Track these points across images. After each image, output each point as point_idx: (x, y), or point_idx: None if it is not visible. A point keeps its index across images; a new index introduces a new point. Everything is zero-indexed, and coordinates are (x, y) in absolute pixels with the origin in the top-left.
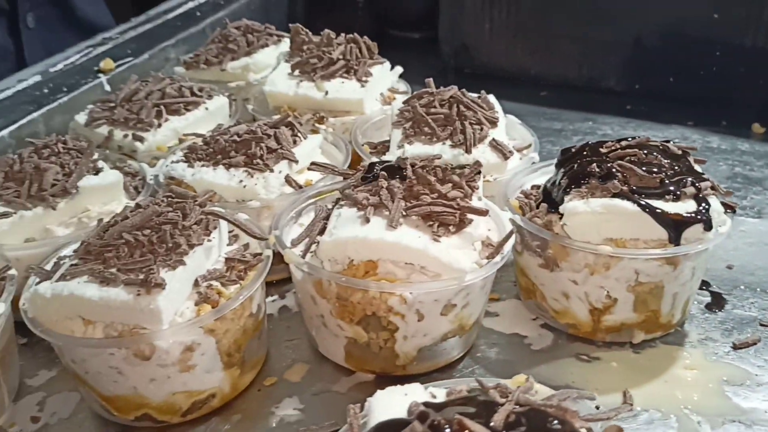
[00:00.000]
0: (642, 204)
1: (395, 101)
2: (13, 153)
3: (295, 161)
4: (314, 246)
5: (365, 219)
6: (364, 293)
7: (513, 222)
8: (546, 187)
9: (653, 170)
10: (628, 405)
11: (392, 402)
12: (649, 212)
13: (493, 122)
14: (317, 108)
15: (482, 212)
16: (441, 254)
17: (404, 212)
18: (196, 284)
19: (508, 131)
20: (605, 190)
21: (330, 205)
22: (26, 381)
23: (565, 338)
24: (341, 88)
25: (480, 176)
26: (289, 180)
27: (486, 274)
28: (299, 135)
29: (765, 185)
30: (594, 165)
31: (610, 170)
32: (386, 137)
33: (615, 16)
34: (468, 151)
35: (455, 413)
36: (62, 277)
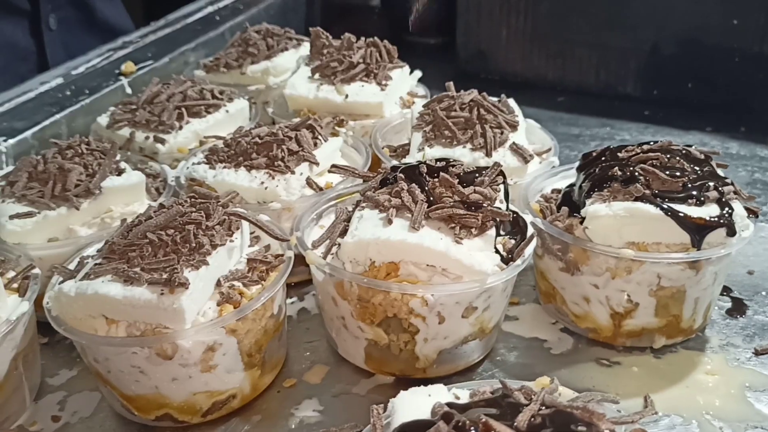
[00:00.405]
0: (665, 207)
1: (414, 105)
2: (37, 154)
3: (316, 163)
4: (335, 248)
5: (388, 220)
6: (386, 295)
7: (534, 225)
8: (567, 191)
9: (676, 174)
10: (652, 408)
11: (416, 403)
12: (672, 216)
13: (514, 126)
14: (337, 111)
15: (504, 215)
16: (463, 256)
17: (426, 214)
18: (219, 284)
19: (528, 135)
20: (627, 194)
21: (351, 207)
22: (47, 380)
23: (586, 343)
24: (361, 92)
25: (502, 178)
26: (310, 182)
27: (507, 277)
28: (320, 137)
29: None
30: (616, 168)
31: (633, 174)
32: (406, 140)
33: (633, 22)
34: (488, 155)
35: (480, 414)
36: (86, 276)
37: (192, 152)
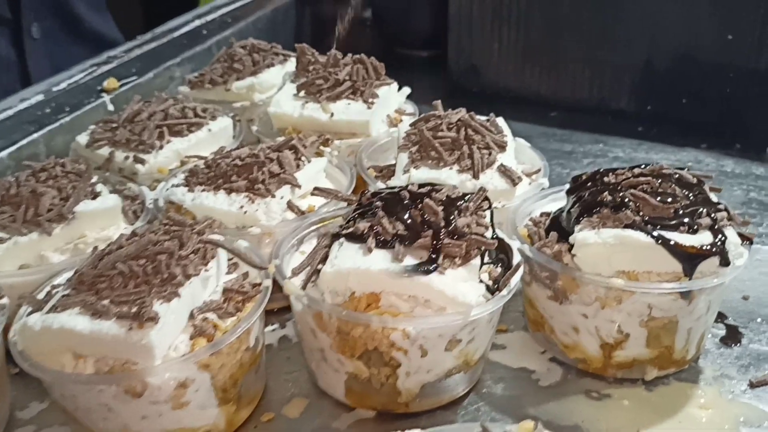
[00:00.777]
0: (655, 235)
1: (402, 123)
2: (12, 176)
3: (298, 186)
4: (315, 276)
5: (367, 249)
6: (366, 327)
7: (521, 252)
8: (556, 216)
9: (667, 200)
10: None
11: None
12: (663, 244)
13: (502, 146)
14: (322, 130)
15: (489, 244)
16: (446, 287)
17: (408, 243)
18: (192, 317)
19: (517, 155)
20: (617, 220)
21: (333, 232)
22: (17, 413)
23: (575, 373)
24: (347, 110)
25: (487, 203)
26: (291, 206)
27: (492, 309)
28: (303, 159)
29: None
30: (606, 193)
31: (623, 199)
32: (392, 160)
33: (626, 37)
34: (476, 177)
35: None
36: (53, 309)
37: (172, 173)
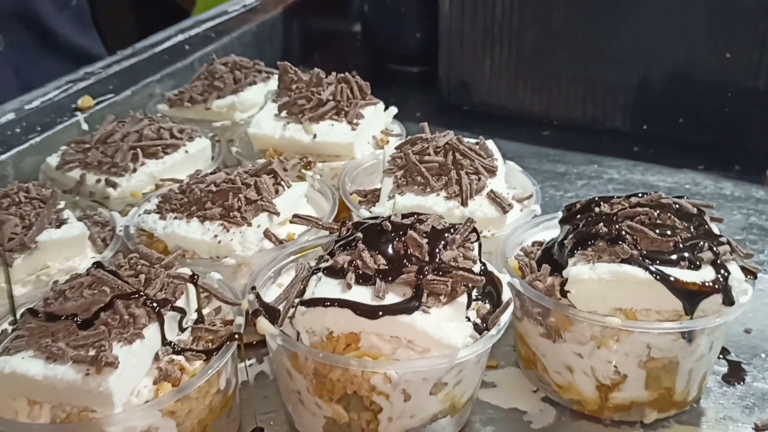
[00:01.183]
0: (654, 271)
1: (388, 145)
2: None
3: (276, 213)
4: (292, 310)
5: (347, 285)
6: (345, 370)
7: (511, 286)
8: (548, 246)
9: (666, 233)
10: None
11: None
12: (663, 281)
13: (492, 171)
14: (305, 152)
15: (477, 281)
16: (430, 328)
17: (390, 279)
18: (157, 358)
19: (508, 179)
20: (613, 254)
21: (313, 263)
22: None
23: (569, 415)
24: (330, 131)
25: (475, 234)
26: (269, 235)
27: (481, 350)
28: (282, 183)
29: None
30: (601, 225)
31: (620, 232)
32: (378, 184)
33: (621, 55)
34: (464, 204)
35: None
36: (5, 351)
37: (146, 197)
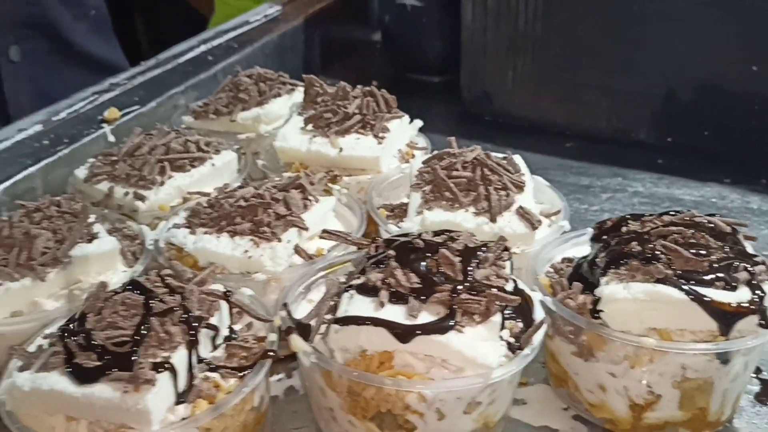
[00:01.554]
0: (689, 291)
1: (414, 159)
2: (5, 215)
3: (305, 229)
4: (324, 327)
5: (380, 304)
6: (379, 389)
7: (543, 305)
8: (579, 263)
9: (701, 252)
10: None
11: None
12: (698, 301)
13: (520, 187)
14: (331, 165)
15: (511, 300)
16: (465, 348)
17: (424, 299)
18: (192, 376)
19: (536, 194)
20: (647, 274)
21: (343, 278)
22: None
23: None
24: (357, 145)
25: (507, 253)
26: (299, 250)
27: (515, 370)
28: (311, 198)
29: None
30: (634, 243)
31: (653, 251)
32: (404, 197)
33: (647, 66)
34: (493, 220)
35: None
36: (43, 367)
37: (174, 210)
